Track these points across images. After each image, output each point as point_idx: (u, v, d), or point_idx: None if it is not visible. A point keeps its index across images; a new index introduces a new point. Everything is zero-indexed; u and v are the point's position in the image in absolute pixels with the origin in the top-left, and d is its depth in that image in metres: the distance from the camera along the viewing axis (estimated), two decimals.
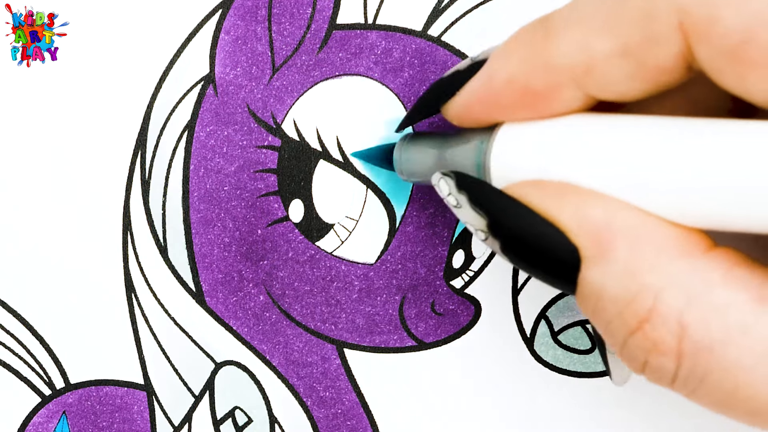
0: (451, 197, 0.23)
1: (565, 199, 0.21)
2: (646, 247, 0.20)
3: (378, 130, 0.29)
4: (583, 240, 0.20)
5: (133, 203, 0.29)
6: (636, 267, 0.20)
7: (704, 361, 0.19)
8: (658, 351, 0.20)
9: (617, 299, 0.20)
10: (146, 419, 0.30)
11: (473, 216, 0.22)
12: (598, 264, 0.20)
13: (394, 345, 0.30)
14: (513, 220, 0.21)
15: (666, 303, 0.19)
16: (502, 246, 0.22)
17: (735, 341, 0.19)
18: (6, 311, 0.30)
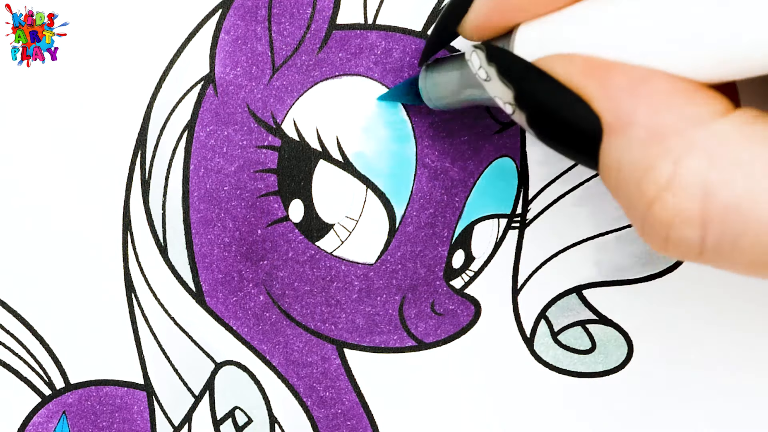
0: (481, 70, 0.23)
1: (591, 69, 0.21)
2: (667, 112, 0.19)
3: (378, 130, 0.29)
4: (605, 108, 0.20)
5: (133, 203, 0.29)
6: (656, 133, 0.19)
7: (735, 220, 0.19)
8: (680, 221, 0.19)
9: (636, 167, 0.20)
10: (146, 419, 0.30)
11: (501, 88, 0.22)
12: (619, 132, 0.20)
13: (394, 345, 0.30)
14: (539, 90, 0.21)
15: (687, 167, 0.19)
16: (528, 118, 0.22)
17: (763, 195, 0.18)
18: (6, 311, 0.30)
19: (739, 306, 0.30)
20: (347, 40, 0.29)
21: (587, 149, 0.21)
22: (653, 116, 0.20)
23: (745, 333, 0.30)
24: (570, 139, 0.21)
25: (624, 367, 0.30)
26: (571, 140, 0.21)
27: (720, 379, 0.30)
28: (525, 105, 0.22)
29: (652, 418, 0.30)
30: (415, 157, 0.29)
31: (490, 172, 0.29)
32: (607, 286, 0.30)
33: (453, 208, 0.29)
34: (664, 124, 0.19)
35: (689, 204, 0.19)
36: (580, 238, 0.30)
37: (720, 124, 0.19)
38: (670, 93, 0.20)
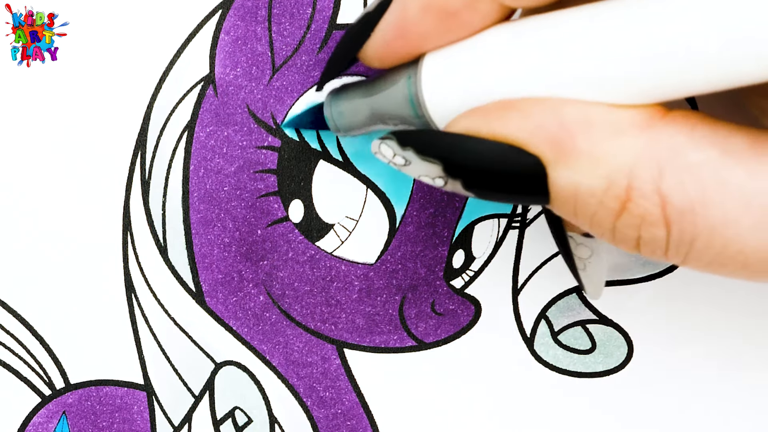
0: (397, 158, 0.22)
1: (510, 114, 0.20)
2: (604, 131, 0.20)
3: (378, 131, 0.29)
4: (541, 147, 0.20)
5: (133, 203, 0.29)
6: (601, 154, 0.20)
7: (689, 224, 0.19)
8: (647, 223, 0.20)
9: (593, 190, 0.20)
10: (146, 419, 0.30)
11: (426, 167, 0.22)
12: (563, 164, 0.20)
13: (394, 345, 0.30)
14: (466, 154, 0.21)
15: (640, 177, 0.19)
16: (464, 184, 0.21)
17: (714, 198, 0.19)
18: (6, 311, 0.30)
19: (740, 306, 0.30)
20: None
21: (535, 189, 0.21)
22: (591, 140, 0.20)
23: (745, 333, 0.30)
24: (515, 187, 0.21)
25: (624, 367, 0.30)
26: (517, 187, 0.21)
27: (720, 379, 0.30)
28: (457, 174, 0.21)
29: (652, 418, 0.30)
30: None
31: None
32: (607, 286, 0.30)
33: (453, 208, 0.29)
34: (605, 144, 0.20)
35: (651, 208, 0.19)
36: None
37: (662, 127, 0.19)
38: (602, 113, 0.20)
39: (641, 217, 0.20)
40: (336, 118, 0.26)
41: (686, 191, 0.19)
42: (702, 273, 0.21)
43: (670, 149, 0.19)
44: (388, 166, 0.29)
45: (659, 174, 0.19)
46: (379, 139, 0.23)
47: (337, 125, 0.26)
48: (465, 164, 0.21)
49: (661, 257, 0.21)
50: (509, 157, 0.20)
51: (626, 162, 0.19)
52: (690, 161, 0.19)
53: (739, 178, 0.19)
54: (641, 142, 0.19)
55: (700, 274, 0.30)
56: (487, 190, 0.21)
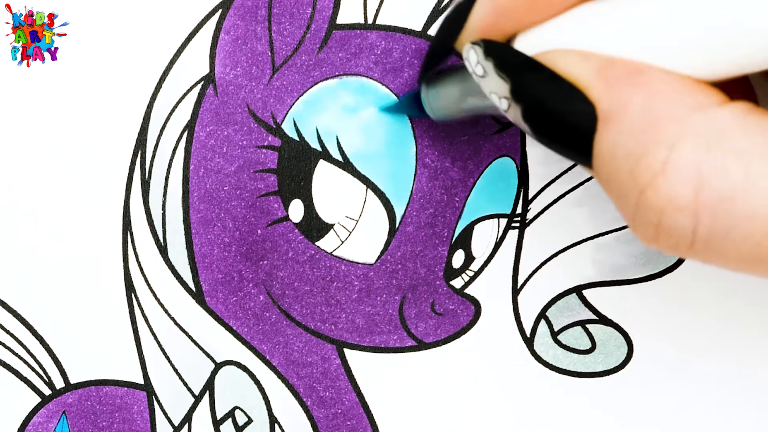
0: (478, 66, 0.23)
1: (588, 60, 0.20)
2: (663, 99, 0.19)
3: (378, 130, 0.29)
4: (601, 94, 0.20)
5: (133, 203, 0.29)
6: (651, 118, 0.19)
7: (727, 211, 0.18)
8: (673, 206, 0.19)
9: (631, 154, 0.19)
10: (146, 419, 0.30)
11: (497, 82, 0.22)
12: (614, 120, 0.20)
13: (394, 345, 0.30)
14: (535, 81, 0.21)
15: (682, 153, 0.19)
16: (523, 112, 0.21)
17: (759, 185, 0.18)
18: (6, 311, 0.30)
19: (740, 305, 0.30)
20: (347, 40, 0.29)
21: (581, 141, 0.20)
22: (649, 103, 0.19)
23: (745, 332, 0.30)
24: (564, 131, 0.21)
25: (624, 367, 0.30)
26: (566, 132, 0.21)
27: (720, 379, 0.30)
28: (520, 97, 0.21)
29: (652, 418, 0.30)
30: (415, 157, 0.29)
31: (490, 172, 0.29)
32: (607, 286, 0.30)
33: (453, 208, 0.29)
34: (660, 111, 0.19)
35: (683, 190, 0.19)
36: (580, 238, 0.30)
37: (718, 111, 0.19)
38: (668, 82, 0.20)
39: (668, 198, 0.19)
40: (432, 100, 0.27)
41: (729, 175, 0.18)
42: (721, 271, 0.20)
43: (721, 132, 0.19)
44: (388, 166, 0.29)
45: (705, 153, 0.18)
46: (471, 43, 0.23)
47: (433, 107, 0.27)
48: (531, 89, 0.21)
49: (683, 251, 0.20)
50: (571, 97, 0.20)
51: (673, 134, 0.19)
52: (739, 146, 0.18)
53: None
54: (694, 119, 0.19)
55: (700, 274, 0.30)
56: (541, 126, 0.21)
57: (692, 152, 0.19)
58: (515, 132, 0.29)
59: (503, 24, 0.23)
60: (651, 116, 0.19)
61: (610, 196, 0.21)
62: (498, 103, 0.22)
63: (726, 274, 0.29)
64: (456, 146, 0.29)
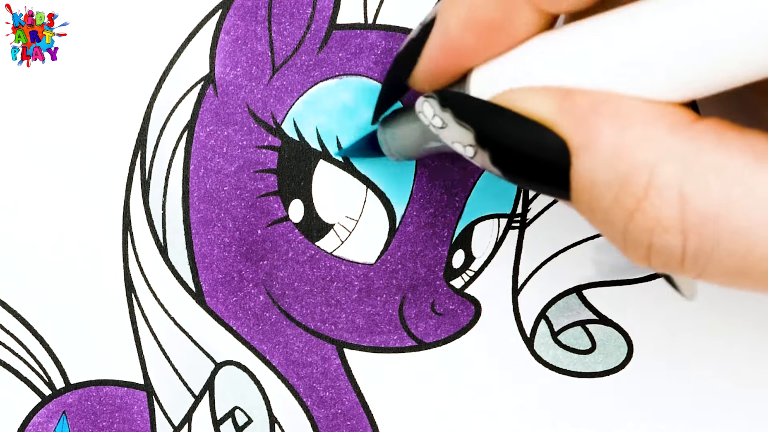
0: (435, 119, 0.22)
1: (548, 94, 0.20)
2: (634, 125, 0.19)
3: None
4: (569, 128, 0.20)
5: (133, 203, 0.29)
6: (625, 146, 0.19)
7: (711, 229, 0.19)
8: (662, 228, 0.19)
9: (611, 183, 0.19)
10: (146, 419, 0.30)
11: (459, 132, 0.22)
12: (587, 151, 0.20)
13: (394, 345, 0.30)
14: (500, 126, 0.21)
15: (662, 175, 0.19)
16: (492, 157, 0.21)
17: (740, 202, 0.18)
18: (6, 311, 0.30)
19: (740, 305, 0.30)
20: (347, 40, 0.29)
21: (557, 176, 0.20)
22: (621, 130, 0.19)
23: (745, 332, 0.30)
24: (538, 169, 0.21)
25: (624, 367, 0.30)
26: (540, 170, 0.21)
27: (720, 379, 0.30)
28: (487, 143, 0.21)
29: (652, 418, 0.30)
30: None
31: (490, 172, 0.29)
32: (607, 286, 0.30)
33: (453, 208, 0.29)
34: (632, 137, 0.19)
35: (668, 211, 0.19)
36: (580, 238, 0.30)
37: (692, 129, 0.19)
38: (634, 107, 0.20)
39: (656, 220, 0.19)
40: (390, 141, 0.26)
41: (710, 193, 0.18)
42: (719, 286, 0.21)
43: (698, 150, 0.19)
44: (389, 166, 0.29)
45: (683, 173, 0.19)
46: (423, 96, 0.23)
47: (391, 149, 0.27)
48: (496, 134, 0.21)
49: (675, 268, 0.20)
50: (538, 135, 0.20)
51: (650, 158, 0.19)
52: (717, 163, 0.18)
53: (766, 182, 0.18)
54: (669, 139, 0.19)
55: None
56: (512, 168, 0.21)
57: (672, 173, 0.19)
58: None
59: (456, 60, 0.22)
60: (624, 143, 0.19)
61: (594, 224, 0.21)
62: (463, 152, 0.22)
63: None
64: None
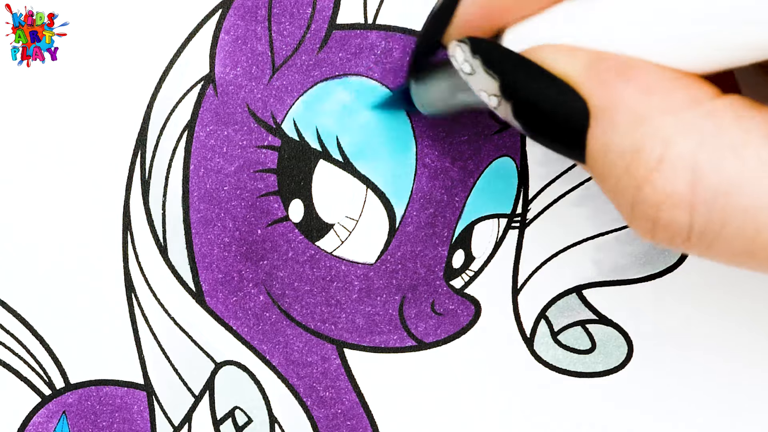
0: (465, 64, 0.22)
1: (577, 55, 0.20)
2: (656, 94, 0.19)
3: (378, 130, 0.29)
4: (592, 90, 0.20)
5: (133, 203, 0.29)
6: (644, 114, 0.19)
7: (721, 206, 0.18)
8: (670, 202, 0.19)
9: (625, 151, 0.19)
10: (146, 419, 0.30)
11: (486, 80, 0.22)
12: (606, 115, 0.19)
13: (394, 345, 0.30)
14: (524, 78, 0.21)
15: (677, 148, 0.18)
16: (513, 109, 0.21)
17: (754, 180, 0.18)
18: (6, 311, 0.30)
19: (740, 305, 0.30)
20: (347, 40, 0.29)
21: (574, 137, 0.20)
22: (642, 98, 0.19)
23: (745, 332, 0.30)
24: (556, 127, 0.20)
25: (624, 367, 0.30)
26: (558, 128, 0.20)
27: (720, 379, 0.30)
28: (510, 94, 0.21)
29: (652, 418, 0.30)
30: (415, 157, 0.29)
31: (490, 172, 0.29)
32: (607, 286, 0.30)
33: (453, 208, 0.29)
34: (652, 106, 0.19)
35: (679, 185, 0.19)
36: (580, 238, 0.30)
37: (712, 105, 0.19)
38: (659, 76, 0.19)
39: (666, 194, 0.19)
40: (422, 95, 0.27)
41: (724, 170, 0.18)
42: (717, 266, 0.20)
43: (715, 126, 0.18)
44: (388, 166, 0.29)
45: (698, 147, 0.18)
46: (456, 41, 0.23)
47: (423, 102, 0.27)
48: (520, 85, 0.21)
49: (680, 245, 0.20)
50: (562, 92, 0.20)
51: (667, 129, 0.19)
52: (733, 140, 0.18)
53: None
54: (687, 112, 0.19)
55: (700, 274, 0.30)
56: (532, 123, 0.21)
57: (687, 147, 0.18)
58: (515, 132, 0.29)
59: (490, 18, 0.23)
60: (644, 111, 0.19)
61: (605, 191, 0.20)
62: (488, 101, 0.22)
63: (726, 273, 0.29)
64: (456, 146, 0.29)
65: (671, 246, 0.20)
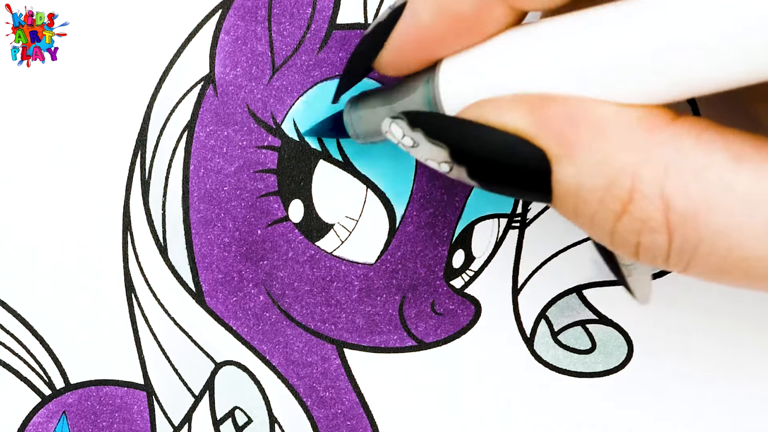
0: (406, 138, 0.22)
1: (521, 106, 0.20)
2: (612, 130, 0.19)
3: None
4: (547, 140, 0.20)
5: (133, 203, 0.29)
6: (607, 151, 0.19)
7: (693, 229, 0.19)
8: (648, 228, 0.19)
9: (595, 189, 0.20)
10: (146, 419, 0.30)
11: (433, 150, 0.22)
12: (568, 160, 0.20)
13: (394, 345, 0.30)
14: (473, 141, 0.21)
15: (644, 179, 0.19)
16: (468, 172, 0.21)
17: (719, 202, 0.19)
18: (6, 311, 0.30)
19: (740, 305, 0.30)
20: (347, 40, 0.29)
21: (538, 185, 0.20)
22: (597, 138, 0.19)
23: (745, 332, 0.30)
24: (518, 180, 0.21)
25: (624, 367, 0.30)
26: (520, 181, 0.21)
27: (720, 379, 0.30)
28: (463, 160, 0.21)
29: (652, 418, 0.30)
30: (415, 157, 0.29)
31: None
32: (607, 286, 0.30)
33: (453, 207, 0.29)
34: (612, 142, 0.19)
35: (653, 212, 0.19)
36: (580, 238, 0.30)
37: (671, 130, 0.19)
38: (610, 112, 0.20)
39: (642, 221, 0.19)
40: (356, 124, 0.26)
41: (690, 194, 0.19)
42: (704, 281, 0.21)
43: (677, 151, 0.19)
44: (388, 166, 0.29)
45: (664, 175, 0.19)
46: (390, 117, 0.23)
47: (357, 132, 0.26)
48: (471, 151, 0.21)
49: (661, 265, 0.20)
50: (515, 148, 0.20)
51: (631, 162, 0.19)
52: (696, 164, 0.19)
53: (745, 183, 0.18)
54: (648, 143, 0.19)
55: None
56: (492, 181, 0.21)
57: (652, 175, 0.19)
58: None
59: (424, 48, 0.22)
60: (603, 151, 0.19)
61: (578, 225, 0.21)
62: (438, 168, 0.22)
63: None
64: None
65: (654, 265, 0.20)
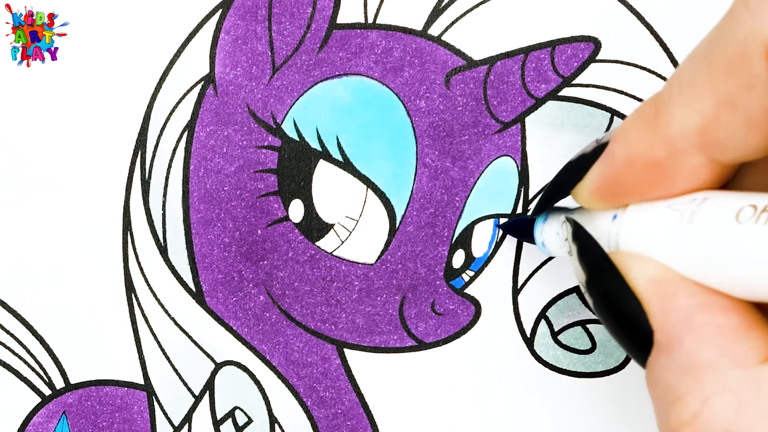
0: (566, 243, 0.24)
1: (659, 283, 0.21)
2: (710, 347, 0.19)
3: (378, 129, 0.29)
4: (660, 325, 0.20)
5: (133, 203, 0.29)
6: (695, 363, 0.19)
7: None
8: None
9: (670, 392, 0.20)
10: (146, 419, 0.30)
11: (578, 268, 0.23)
12: (665, 352, 0.20)
13: (394, 345, 0.30)
14: (606, 285, 0.22)
15: (713, 409, 0.19)
16: (593, 303, 0.22)
17: None
18: (6, 311, 0.30)
19: None
20: (347, 39, 0.29)
21: (638, 353, 0.21)
22: (698, 347, 0.20)
23: None
24: (626, 338, 0.21)
25: (624, 367, 0.30)
26: (627, 340, 0.21)
27: None
28: (593, 292, 0.22)
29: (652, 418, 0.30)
30: (415, 157, 0.29)
31: (490, 172, 0.29)
32: None
33: (453, 207, 0.29)
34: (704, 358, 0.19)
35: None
36: None
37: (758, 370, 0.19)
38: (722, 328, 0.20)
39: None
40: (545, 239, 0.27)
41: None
42: None
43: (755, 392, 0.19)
44: (388, 166, 0.29)
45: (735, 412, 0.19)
46: (565, 216, 0.24)
47: (546, 245, 0.27)
48: (601, 289, 0.22)
49: None
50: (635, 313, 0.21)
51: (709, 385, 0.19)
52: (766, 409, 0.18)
53: None
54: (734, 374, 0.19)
55: None
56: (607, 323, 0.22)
57: (723, 411, 0.19)
58: (515, 132, 0.29)
59: (619, 189, 0.23)
60: (695, 361, 0.20)
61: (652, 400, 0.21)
62: (578, 283, 0.23)
63: None
64: (456, 146, 0.29)
65: None
